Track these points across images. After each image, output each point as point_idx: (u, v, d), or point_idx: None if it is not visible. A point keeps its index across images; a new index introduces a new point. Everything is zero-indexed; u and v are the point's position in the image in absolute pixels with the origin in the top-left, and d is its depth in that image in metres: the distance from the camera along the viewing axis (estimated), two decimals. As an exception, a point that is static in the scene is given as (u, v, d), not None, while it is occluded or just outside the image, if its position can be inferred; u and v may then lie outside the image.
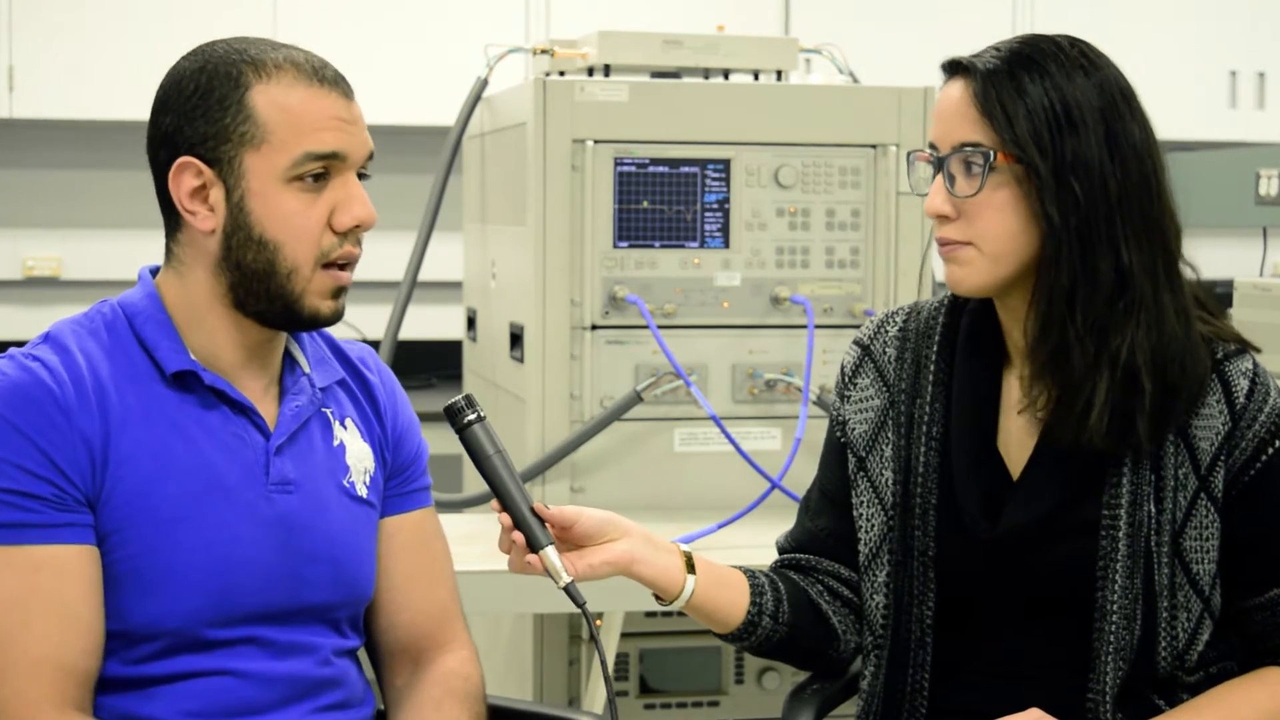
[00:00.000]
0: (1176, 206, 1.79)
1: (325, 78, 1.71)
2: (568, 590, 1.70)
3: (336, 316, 1.75)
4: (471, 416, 1.71)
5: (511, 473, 1.71)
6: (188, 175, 1.69)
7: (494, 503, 1.72)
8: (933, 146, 1.80)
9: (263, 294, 1.70)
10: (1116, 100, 1.75)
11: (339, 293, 1.73)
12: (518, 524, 1.70)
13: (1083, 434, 1.75)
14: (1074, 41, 1.79)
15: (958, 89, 1.78)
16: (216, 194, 1.69)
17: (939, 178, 1.78)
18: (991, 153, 1.73)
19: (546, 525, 1.71)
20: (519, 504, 1.70)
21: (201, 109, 1.68)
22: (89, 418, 1.65)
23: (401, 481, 1.90)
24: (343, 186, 1.71)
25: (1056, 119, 1.73)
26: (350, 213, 1.71)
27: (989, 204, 1.75)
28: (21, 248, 4.88)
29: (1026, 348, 1.80)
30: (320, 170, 1.69)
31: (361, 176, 1.74)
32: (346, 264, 1.73)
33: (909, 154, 1.88)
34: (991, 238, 1.76)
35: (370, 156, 1.75)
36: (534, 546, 1.70)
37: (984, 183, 1.74)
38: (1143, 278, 1.74)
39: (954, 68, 1.80)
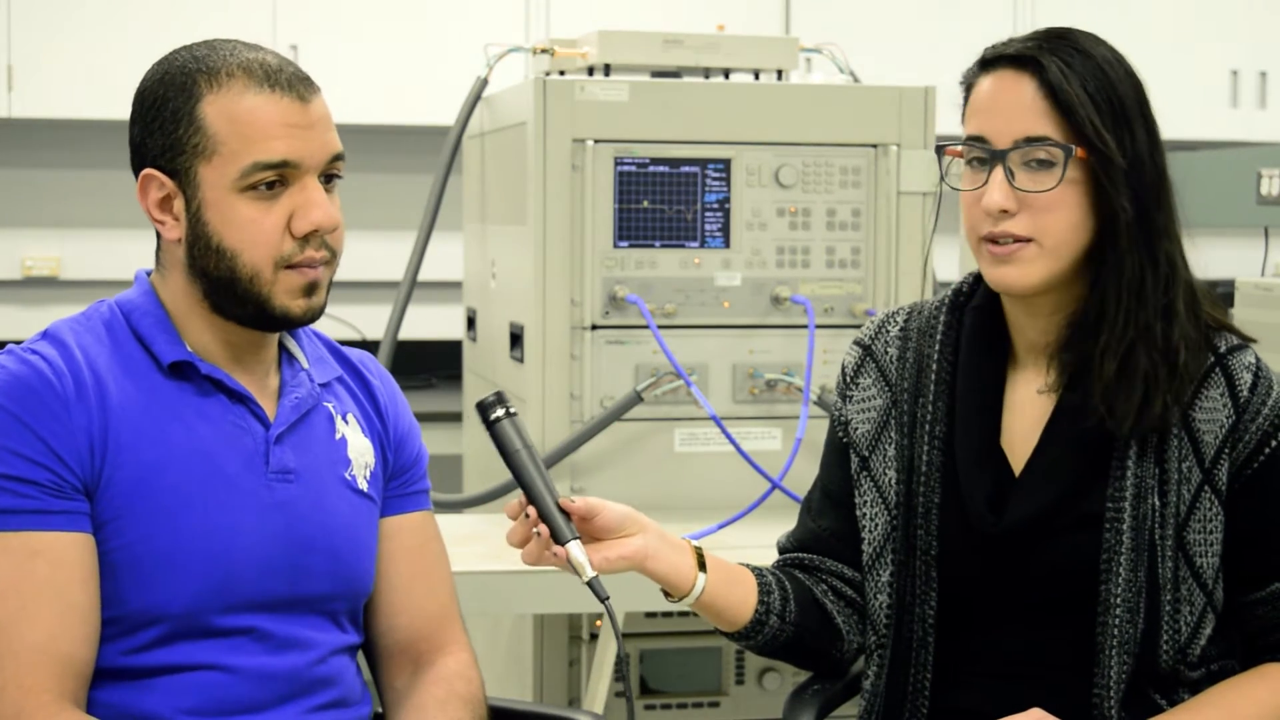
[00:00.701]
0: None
1: (278, 82, 1.69)
2: (591, 585, 1.69)
3: (311, 314, 1.74)
4: (500, 412, 1.72)
5: (539, 468, 1.72)
6: (152, 187, 1.72)
7: (520, 498, 1.72)
8: (979, 140, 1.78)
9: (232, 298, 1.71)
10: (1143, 94, 1.78)
11: (310, 290, 1.73)
12: (544, 518, 1.70)
13: (1143, 419, 1.75)
14: (1095, 36, 1.80)
15: (1017, 81, 1.76)
16: (179, 205, 1.71)
17: (998, 172, 1.76)
18: (1071, 147, 1.73)
19: (571, 520, 1.71)
20: (546, 499, 1.70)
21: (158, 121, 1.70)
22: (87, 408, 1.66)
23: (403, 483, 1.90)
24: (301, 191, 1.70)
25: (1114, 111, 1.74)
26: (307, 218, 1.69)
27: (1060, 198, 1.75)
28: (20, 247, 4.88)
29: (1052, 343, 1.81)
30: (274, 178, 1.68)
31: (332, 178, 1.74)
32: (317, 264, 1.73)
33: (939, 147, 1.86)
34: (1056, 231, 1.76)
35: (337, 158, 1.73)
36: (559, 540, 1.70)
37: (1064, 176, 1.74)
38: (1180, 265, 1.78)
39: (999, 59, 1.78)
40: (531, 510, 1.71)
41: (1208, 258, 1.84)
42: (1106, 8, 4.94)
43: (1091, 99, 1.73)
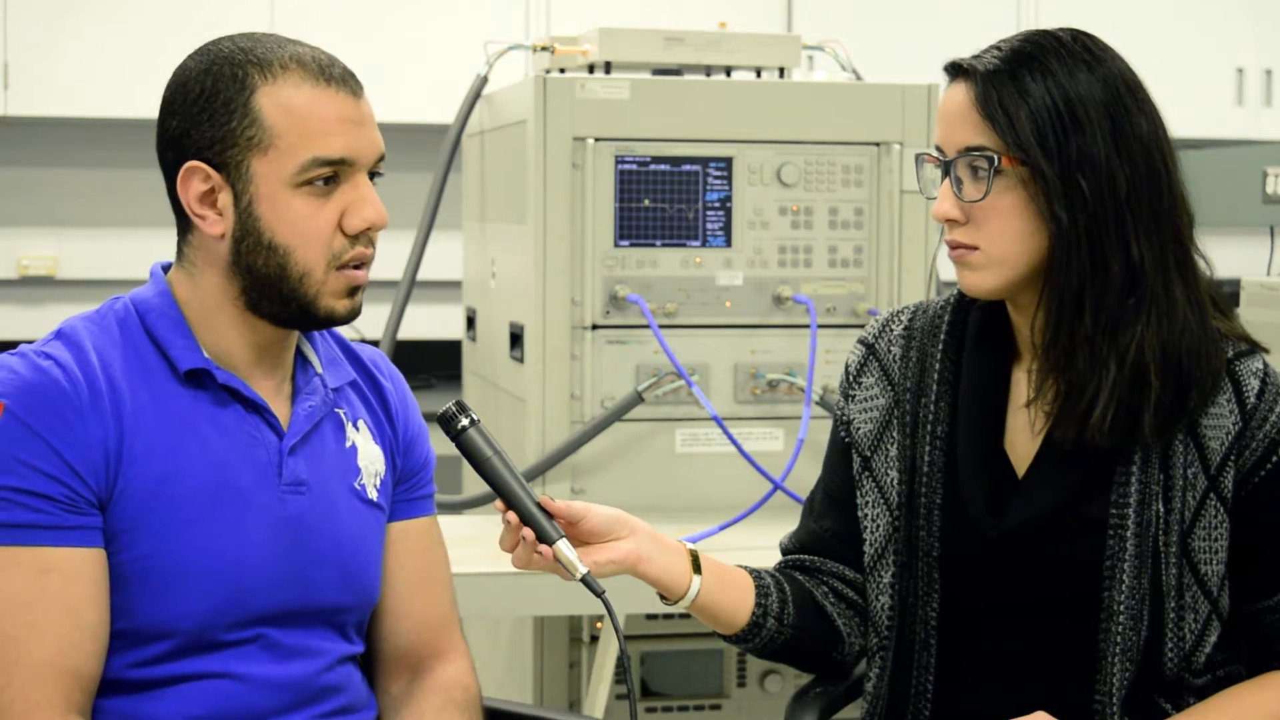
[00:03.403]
0: (1189, 197, 1.77)
1: (332, 77, 1.68)
2: (585, 580, 1.67)
3: (353, 314, 1.73)
4: (465, 421, 1.69)
5: (513, 471, 1.69)
6: (195, 180, 1.67)
7: (498, 503, 1.69)
8: (939, 150, 1.79)
9: (276, 297, 1.69)
10: (1121, 94, 1.74)
11: (354, 291, 1.71)
12: (525, 520, 1.68)
13: (1085, 431, 1.74)
14: (1077, 35, 1.77)
15: (960, 92, 1.76)
16: (225, 198, 1.67)
17: (946, 182, 1.77)
18: (996, 156, 1.72)
19: (554, 519, 1.69)
20: (525, 501, 1.68)
21: (208, 112, 1.66)
22: (102, 418, 1.63)
23: (409, 487, 1.88)
24: (353, 189, 1.68)
25: (1060, 118, 1.71)
26: (360, 215, 1.68)
27: (996, 208, 1.74)
28: (17, 246, 4.87)
29: (1036, 345, 1.79)
30: (330, 174, 1.67)
31: (374, 175, 1.73)
32: (360, 264, 1.71)
33: (917, 156, 1.86)
34: (999, 241, 1.75)
35: (381, 157, 1.72)
36: (544, 541, 1.68)
37: (990, 187, 1.73)
38: (1154, 272, 1.73)
39: (956, 70, 1.78)
40: (512, 516, 1.68)
41: (1213, 257, 1.82)
42: (1110, 6, 4.92)
43: (1027, 106, 1.71)
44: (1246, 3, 5.22)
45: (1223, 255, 1.86)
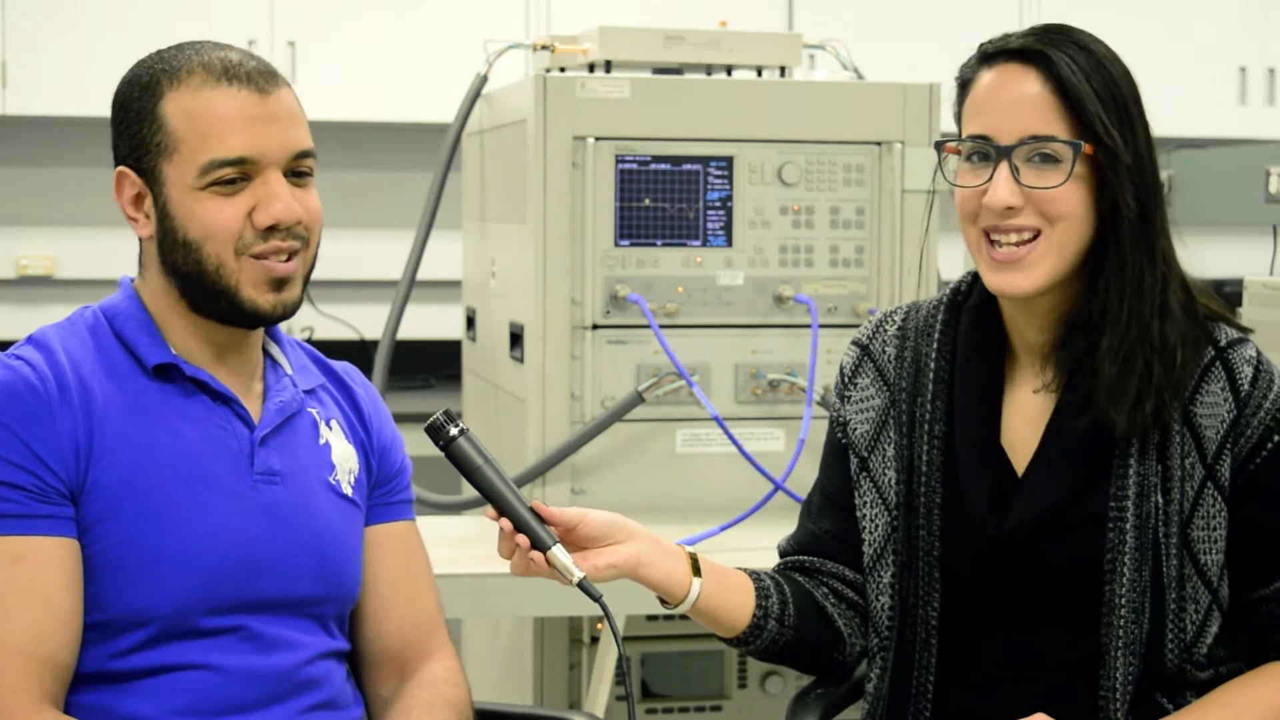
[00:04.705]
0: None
1: (236, 76, 1.69)
2: (582, 586, 1.67)
3: (283, 310, 1.73)
4: (454, 431, 1.69)
5: (504, 479, 1.69)
6: (125, 185, 1.74)
7: (489, 511, 1.69)
8: (981, 137, 1.76)
9: (204, 294, 1.71)
10: (1138, 90, 1.77)
11: (280, 285, 1.72)
12: (520, 528, 1.68)
13: (1089, 410, 1.74)
14: (1090, 34, 1.79)
15: (1022, 76, 1.74)
16: (149, 202, 1.72)
17: (1003, 169, 1.74)
18: (1079, 143, 1.71)
19: (548, 525, 1.69)
20: (518, 508, 1.68)
21: (126, 121, 1.72)
22: (71, 413, 1.66)
23: (386, 492, 1.90)
24: (263, 185, 1.69)
25: (1119, 106, 1.73)
26: (268, 211, 1.69)
27: (1066, 194, 1.73)
28: (15, 246, 4.87)
29: (1036, 342, 1.79)
30: (234, 175, 1.68)
31: (300, 175, 1.73)
32: (287, 258, 1.72)
33: (937, 144, 1.84)
34: (1064, 223, 1.74)
35: (303, 155, 1.72)
36: (540, 548, 1.67)
37: (1071, 173, 1.72)
38: (1174, 259, 1.77)
39: (1008, 54, 1.76)
40: (505, 523, 1.68)
41: (1216, 256, 1.83)
42: (1112, 4, 4.92)
43: (1097, 94, 1.72)
44: (1249, 1, 5.21)
45: (1225, 254, 1.87)
